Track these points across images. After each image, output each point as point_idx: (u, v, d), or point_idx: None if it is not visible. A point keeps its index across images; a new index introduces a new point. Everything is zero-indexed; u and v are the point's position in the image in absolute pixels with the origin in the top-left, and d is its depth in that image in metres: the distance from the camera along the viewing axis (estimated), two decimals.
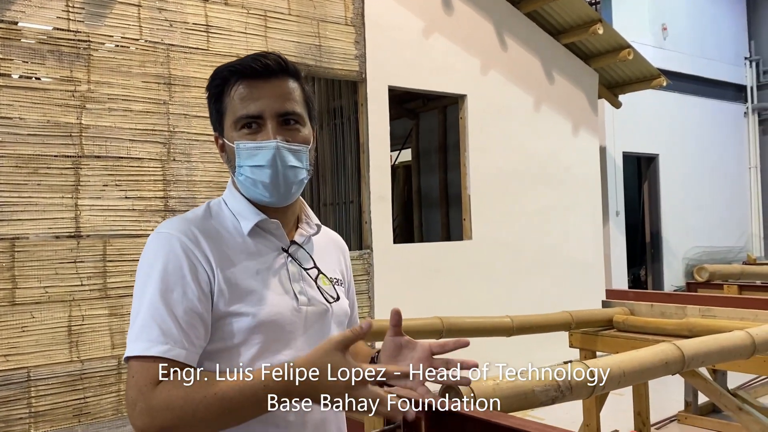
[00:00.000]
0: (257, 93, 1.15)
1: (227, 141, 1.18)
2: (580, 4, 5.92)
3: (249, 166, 1.16)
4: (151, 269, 1.09)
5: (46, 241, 3.47)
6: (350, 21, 4.77)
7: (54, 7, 3.56)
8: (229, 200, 1.23)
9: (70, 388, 3.46)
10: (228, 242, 1.15)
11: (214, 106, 1.21)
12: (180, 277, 1.08)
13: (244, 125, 1.16)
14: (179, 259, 1.09)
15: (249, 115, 1.15)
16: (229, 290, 1.11)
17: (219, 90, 1.18)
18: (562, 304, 4.10)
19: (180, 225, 1.14)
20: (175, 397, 0.98)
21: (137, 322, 1.06)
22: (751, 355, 2.41)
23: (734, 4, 10.19)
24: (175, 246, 1.10)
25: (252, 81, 1.15)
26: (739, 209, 9.98)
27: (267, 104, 1.15)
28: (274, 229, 1.21)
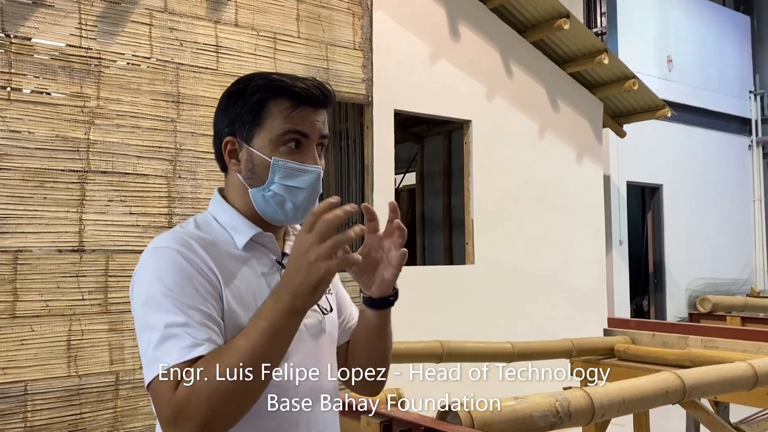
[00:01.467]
0: (310, 116, 1.15)
1: (258, 153, 1.15)
2: (586, 35, 5.98)
3: (285, 185, 1.14)
4: (155, 285, 1.05)
5: (49, 254, 3.48)
6: (358, 45, 4.83)
7: (67, 24, 3.61)
8: (219, 215, 1.20)
9: (67, 403, 3.44)
10: (223, 255, 1.13)
11: (246, 113, 1.16)
12: (192, 286, 1.05)
13: (288, 141, 1.14)
14: (185, 269, 1.06)
15: (300, 130, 1.14)
16: (234, 303, 1.10)
17: (263, 102, 1.15)
18: (563, 331, 4.08)
19: (176, 237, 1.11)
20: (198, 385, 0.95)
21: (154, 337, 1.01)
22: (753, 386, 2.39)
23: (739, 38, 10.28)
24: (176, 258, 1.07)
25: (308, 107, 1.15)
26: (743, 241, 9.96)
27: (315, 127, 1.16)
28: (268, 242, 1.20)
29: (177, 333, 1.00)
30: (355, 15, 4.83)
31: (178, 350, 0.98)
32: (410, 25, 5.21)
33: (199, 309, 1.03)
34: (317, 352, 1.22)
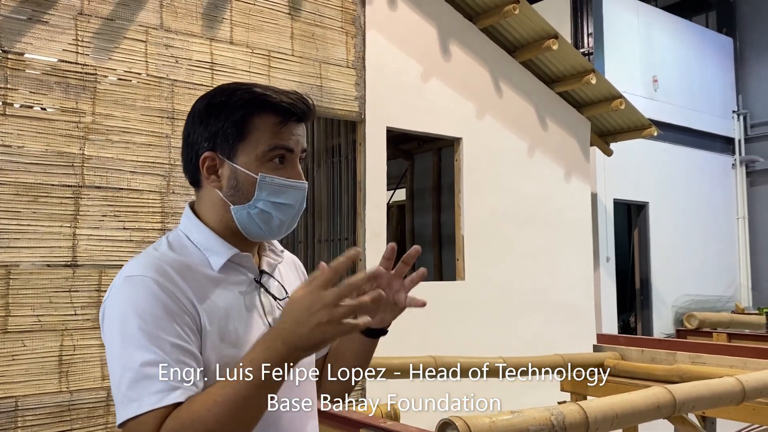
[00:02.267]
0: (293, 130, 1.12)
1: (242, 169, 1.10)
2: (574, 55, 6.10)
3: (272, 201, 1.10)
4: (130, 318, 0.98)
5: (42, 269, 3.47)
6: (351, 63, 4.89)
7: (62, 40, 3.64)
8: (192, 233, 1.14)
9: (58, 419, 3.42)
10: (199, 278, 1.07)
11: (228, 127, 1.10)
12: (166, 319, 0.99)
13: (273, 157, 1.10)
14: (162, 300, 1.00)
15: (285, 146, 1.10)
16: (212, 328, 1.04)
17: (247, 116, 1.10)
18: (552, 346, 4.12)
19: (151, 264, 1.05)
20: (183, 424, 0.92)
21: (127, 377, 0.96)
22: (740, 401, 2.43)
23: (723, 59, 10.50)
24: (153, 288, 1.00)
25: (293, 122, 1.12)
26: (727, 259, 10.09)
27: (297, 141, 1.13)
28: (245, 261, 1.15)
29: (152, 373, 0.95)
30: (348, 34, 4.90)
31: (152, 394, 0.94)
32: (402, 45, 5.29)
33: (176, 344, 0.97)
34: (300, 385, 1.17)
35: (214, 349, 1.03)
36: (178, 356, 0.97)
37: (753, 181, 10.52)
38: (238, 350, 1.04)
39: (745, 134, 10.54)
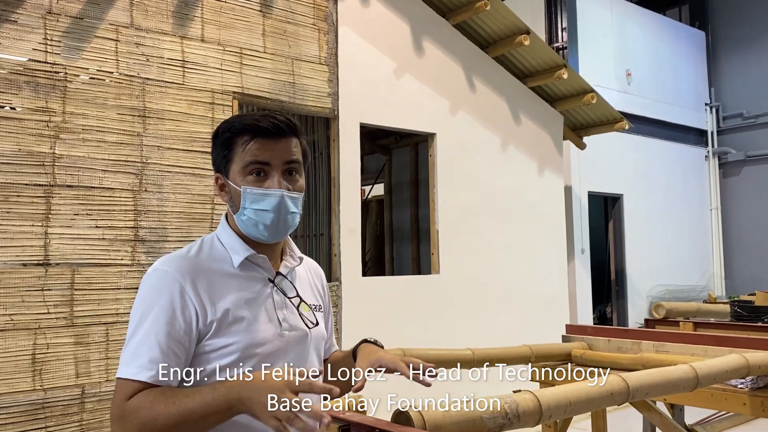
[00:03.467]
0: (267, 146, 1.32)
1: (232, 184, 1.34)
2: (546, 50, 6.18)
3: (254, 208, 1.31)
4: (148, 302, 1.24)
5: (13, 268, 3.48)
6: (324, 60, 4.93)
7: (31, 39, 3.64)
8: (222, 236, 1.38)
9: (32, 417, 3.44)
10: (220, 276, 1.31)
11: (221, 152, 1.35)
12: (172, 313, 1.23)
13: (252, 171, 1.31)
14: (173, 297, 1.24)
15: (258, 161, 1.31)
16: (222, 321, 1.26)
17: (230, 140, 1.33)
18: (526, 338, 4.20)
19: (177, 264, 1.29)
20: (143, 407, 1.15)
21: (130, 346, 1.22)
22: (694, 387, 2.52)
23: (695, 52, 10.66)
24: (170, 283, 1.25)
25: (263, 138, 1.32)
26: (701, 249, 10.28)
27: (275, 155, 1.32)
28: (261, 262, 1.37)
29: (142, 351, 1.20)
30: (321, 30, 4.93)
31: (135, 367, 1.20)
32: (375, 41, 5.33)
33: (171, 336, 1.22)
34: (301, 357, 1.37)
35: (219, 338, 1.25)
36: (170, 344, 1.21)
37: (725, 173, 10.71)
38: (242, 338, 1.26)
39: (718, 126, 10.73)
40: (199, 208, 4.16)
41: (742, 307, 4.74)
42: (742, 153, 10.45)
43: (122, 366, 1.21)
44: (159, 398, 1.15)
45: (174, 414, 1.12)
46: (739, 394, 3.02)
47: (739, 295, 7.67)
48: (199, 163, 4.18)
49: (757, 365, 2.81)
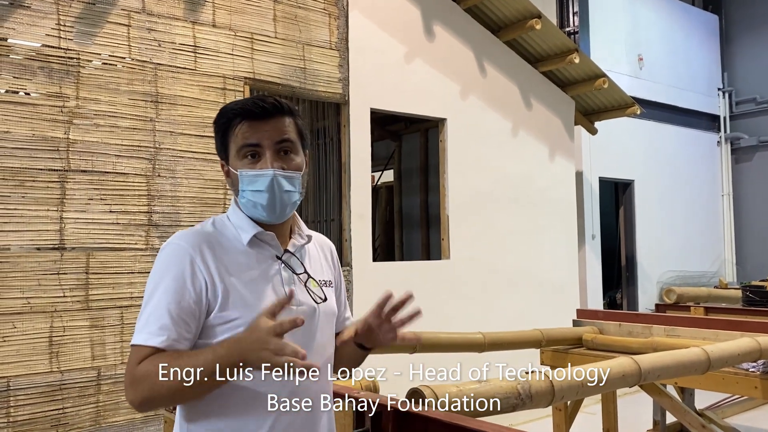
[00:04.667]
0: (257, 128, 1.36)
1: (232, 168, 1.39)
2: (557, 34, 6.13)
3: (250, 190, 1.36)
4: (160, 274, 1.30)
5: (29, 252, 3.53)
6: (334, 45, 4.92)
7: (44, 25, 3.66)
8: (231, 216, 1.43)
9: (49, 399, 3.50)
10: (230, 252, 1.35)
11: (220, 139, 1.41)
12: (182, 283, 1.28)
13: (246, 154, 1.36)
14: (184, 268, 1.29)
15: (249, 143, 1.35)
16: (229, 294, 1.30)
17: (225, 126, 1.39)
18: (536, 323, 4.22)
19: (189, 238, 1.34)
20: (151, 371, 1.19)
21: (143, 316, 1.27)
22: (706, 370, 2.53)
23: (708, 37, 10.54)
24: (182, 256, 1.30)
25: (252, 121, 1.36)
26: (712, 235, 10.22)
27: (265, 136, 1.36)
28: (269, 240, 1.40)
29: (153, 320, 1.25)
30: (331, 15, 4.92)
31: (146, 333, 1.25)
32: (385, 25, 5.32)
33: (179, 302, 1.26)
34: (312, 347, 1.39)
35: (227, 311, 1.30)
36: (180, 314, 1.26)
37: (738, 158, 10.62)
38: (249, 312, 1.28)
39: (730, 112, 10.61)
40: (212, 193, 4.18)
41: (755, 292, 4.73)
42: (754, 138, 10.35)
43: (135, 334, 1.27)
44: (166, 361, 1.20)
45: (180, 375, 1.17)
46: (751, 377, 3.03)
47: (750, 281, 7.64)
48: (211, 149, 4.17)
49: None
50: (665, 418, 4.79)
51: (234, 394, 1.28)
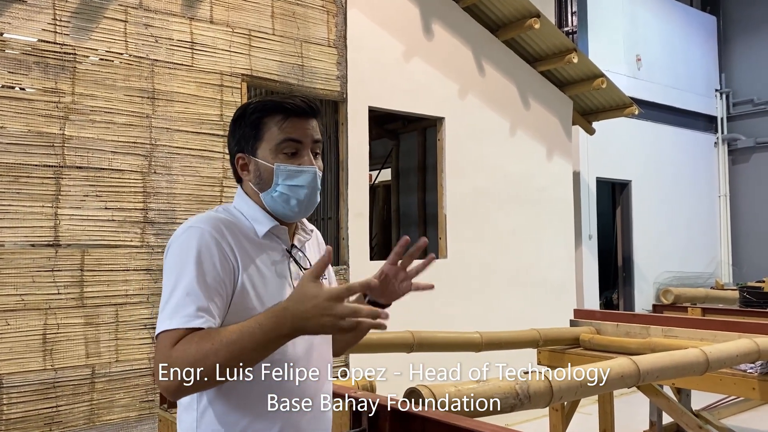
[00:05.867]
0: (299, 125, 1.37)
1: (262, 161, 1.37)
2: (556, 34, 6.12)
3: (288, 185, 1.36)
4: (186, 256, 1.26)
5: (24, 249, 3.50)
6: (333, 42, 4.90)
7: (40, 20, 3.63)
8: (242, 207, 1.41)
9: (43, 396, 3.47)
10: (246, 239, 1.35)
11: (250, 131, 1.38)
12: (212, 263, 1.26)
13: (285, 150, 1.36)
14: (211, 248, 1.27)
15: (293, 138, 1.36)
16: (246, 283, 1.30)
17: (260, 119, 1.37)
18: (533, 323, 4.21)
19: (209, 221, 1.32)
20: (190, 350, 1.15)
21: (172, 302, 1.22)
22: (704, 372, 2.52)
23: (706, 38, 10.55)
24: (206, 238, 1.28)
25: (296, 117, 1.37)
26: (709, 236, 10.23)
27: (307, 134, 1.38)
28: (281, 234, 1.41)
29: (187, 302, 1.21)
30: (330, 12, 4.90)
31: (182, 317, 1.19)
32: (384, 23, 5.29)
33: (213, 286, 1.24)
34: (312, 344, 1.39)
35: (242, 297, 1.29)
36: (212, 295, 1.23)
37: (735, 160, 10.63)
38: (261, 304, 1.29)
39: (728, 113, 10.63)
40: (208, 191, 4.16)
41: (752, 293, 4.73)
42: (751, 140, 10.36)
43: (165, 320, 1.21)
44: (205, 338, 1.16)
45: (223, 351, 1.13)
46: (749, 378, 3.02)
47: (747, 282, 7.63)
48: (208, 146, 4.17)
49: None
50: (662, 419, 4.78)
51: (243, 391, 1.28)
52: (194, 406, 1.33)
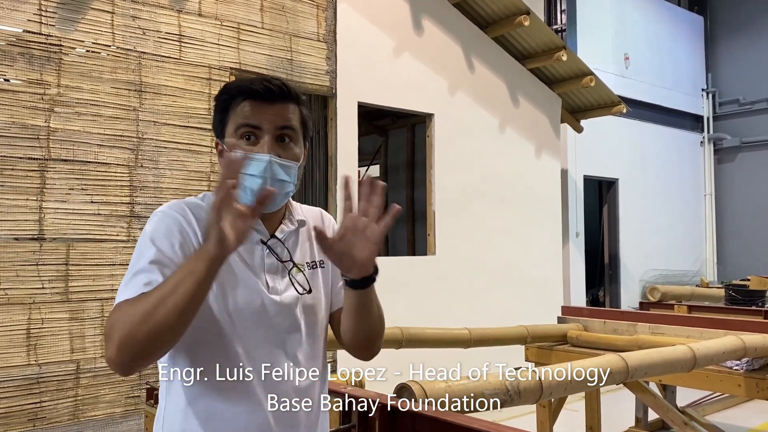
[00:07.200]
0: (260, 109, 1.28)
1: (226, 147, 1.30)
2: (545, 32, 6.13)
3: (242, 173, 1.23)
4: (144, 239, 1.23)
5: (7, 242, 3.45)
6: (322, 37, 4.87)
7: (26, 10, 3.57)
8: None
9: (27, 392, 3.43)
10: None
11: (218, 115, 1.33)
12: (170, 244, 1.22)
13: (242, 135, 1.28)
14: (171, 230, 1.24)
15: (249, 123, 1.28)
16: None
17: (226, 103, 1.31)
18: (520, 320, 4.21)
19: (175, 205, 1.29)
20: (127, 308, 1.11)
21: (128, 276, 1.19)
22: (691, 368, 2.54)
23: (693, 37, 10.62)
24: (168, 220, 1.25)
25: (256, 101, 1.28)
26: (694, 234, 10.32)
27: (267, 119, 1.28)
28: (256, 224, 1.30)
29: (139, 278, 1.17)
30: (319, 7, 4.87)
31: (133, 287, 1.16)
32: (374, 19, 5.27)
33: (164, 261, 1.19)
34: (296, 340, 1.32)
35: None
36: (164, 272, 1.18)
37: (720, 159, 10.73)
38: (222, 293, 1.23)
39: (714, 112, 10.72)
40: (196, 185, 4.12)
41: (737, 291, 4.77)
42: (737, 139, 10.46)
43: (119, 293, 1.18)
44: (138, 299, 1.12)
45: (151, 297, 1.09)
46: (735, 375, 3.04)
47: (731, 280, 7.71)
48: (196, 140, 4.13)
49: (754, 347, 2.83)
50: (647, 415, 4.82)
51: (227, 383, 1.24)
52: (161, 412, 1.31)
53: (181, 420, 1.26)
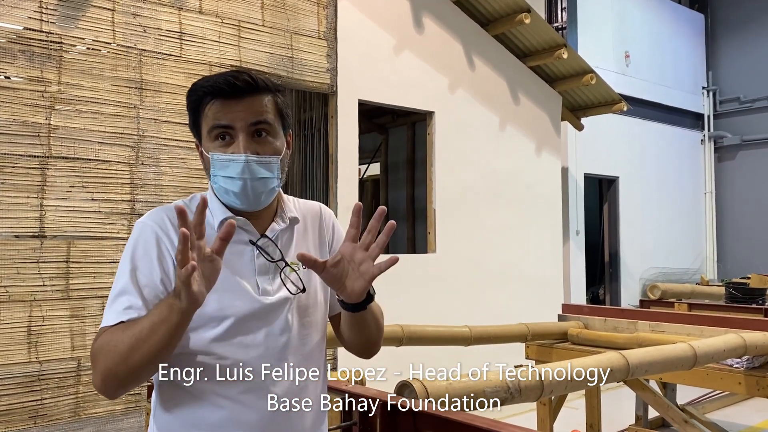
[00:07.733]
0: (229, 108, 1.23)
1: (204, 150, 1.28)
2: (546, 29, 6.12)
3: (221, 176, 1.24)
4: (125, 254, 1.23)
5: (8, 240, 3.45)
6: (323, 35, 4.87)
7: (26, 7, 3.57)
8: (207, 196, 1.25)
9: (27, 390, 3.43)
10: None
11: (191, 116, 1.30)
12: (148, 260, 1.21)
13: (217, 136, 1.24)
14: (149, 244, 1.22)
15: (220, 125, 1.23)
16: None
17: (196, 104, 1.27)
18: (521, 317, 4.22)
19: (156, 215, 1.27)
20: (108, 341, 1.13)
21: (110, 298, 1.20)
22: (692, 366, 2.54)
23: (693, 35, 10.61)
24: (147, 233, 1.23)
25: (224, 99, 1.23)
26: (694, 233, 10.32)
27: (238, 117, 1.23)
28: (242, 224, 1.28)
29: (120, 301, 1.17)
30: (320, 4, 4.87)
31: (114, 313, 1.17)
32: (375, 16, 5.27)
33: (142, 281, 1.19)
34: (288, 341, 1.28)
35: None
36: (143, 292, 1.18)
37: (721, 157, 10.72)
38: (217, 297, 1.20)
39: (714, 110, 10.71)
40: (196, 183, 4.12)
41: (738, 289, 4.77)
42: (737, 137, 10.46)
43: (103, 318, 1.20)
44: (117, 330, 1.14)
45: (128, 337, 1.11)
46: (735, 373, 3.04)
47: (731, 278, 7.71)
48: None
49: (754, 345, 2.83)
50: (648, 413, 4.82)
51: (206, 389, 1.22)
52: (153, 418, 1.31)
53: (175, 420, 1.25)
